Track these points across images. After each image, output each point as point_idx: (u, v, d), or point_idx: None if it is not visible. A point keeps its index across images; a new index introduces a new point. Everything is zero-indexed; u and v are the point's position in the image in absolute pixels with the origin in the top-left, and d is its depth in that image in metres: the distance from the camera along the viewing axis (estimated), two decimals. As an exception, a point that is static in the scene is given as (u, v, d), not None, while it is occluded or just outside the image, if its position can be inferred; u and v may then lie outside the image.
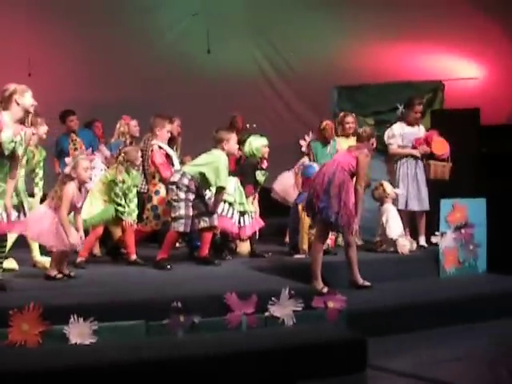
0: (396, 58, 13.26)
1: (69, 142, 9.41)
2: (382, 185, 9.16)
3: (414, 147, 9.40)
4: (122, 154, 8.15)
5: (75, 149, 9.29)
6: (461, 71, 13.22)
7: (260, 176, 8.80)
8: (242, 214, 8.61)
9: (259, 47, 14.39)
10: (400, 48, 13.22)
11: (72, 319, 5.63)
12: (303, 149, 9.96)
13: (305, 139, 9.93)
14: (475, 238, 9.05)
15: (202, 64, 13.40)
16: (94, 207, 7.90)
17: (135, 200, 8.21)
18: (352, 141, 9.45)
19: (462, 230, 8.96)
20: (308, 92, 13.54)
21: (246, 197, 8.67)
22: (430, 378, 5.85)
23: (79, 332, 5.65)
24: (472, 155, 10.42)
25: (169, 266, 7.73)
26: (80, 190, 6.94)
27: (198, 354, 5.61)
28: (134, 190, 8.24)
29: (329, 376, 5.76)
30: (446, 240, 8.86)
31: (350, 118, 9.94)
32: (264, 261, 8.42)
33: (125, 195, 8.03)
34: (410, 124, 9.54)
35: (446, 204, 8.91)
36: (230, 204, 8.52)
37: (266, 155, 8.94)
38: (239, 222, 8.59)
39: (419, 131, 9.50)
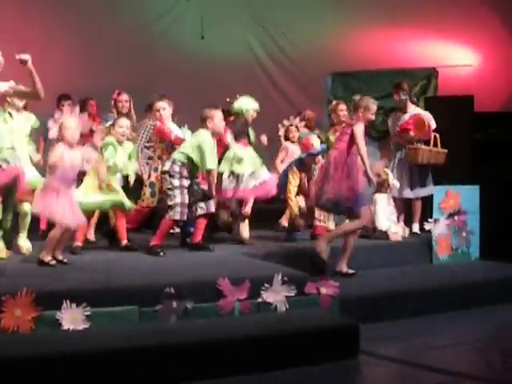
0: (390, 44, 13.26)
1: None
2: (386, 174, 9.12)
3: (398, 129, 9.35)
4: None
5: None
6: (455, 58, 13.22)
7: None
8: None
9: (253, 33, 14.36)
10: (394, 34, 13.21)
11: (65, 305, 5.63)
12: (280, 133, 9.94)
13: (283, 124, 9.90)
14: (468, 225, 9.07)
15: (196, 50, 13.37)
16: (91, 192, 7.82)
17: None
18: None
19: (455, 217, 8.98)
20: (302, 78, 13.56)
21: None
22: (422, 364, 5.87)
23: (72, 317, 5.65)
24: (466, 142, 10.42)
25: (162, 253, 7.72)
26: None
27: (191, 340, 5.62)
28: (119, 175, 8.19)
29: (321, 362, 5.76)
30: (439, 227, 8.88)
31: (343, 106, 9.90)
32: (257, 247, 8.40)
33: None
34: (399, 111, 9.54)
35: (439, 191, 8.93)
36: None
37: (251, 120, 8.80)
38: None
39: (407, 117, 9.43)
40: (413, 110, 9.46)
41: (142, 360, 5.27)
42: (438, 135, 9.19)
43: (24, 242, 7.76)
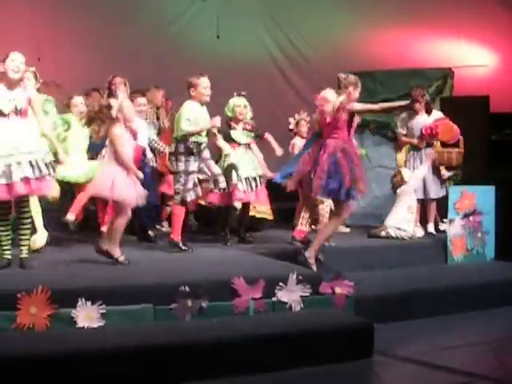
0: (406, 44, 13.20)
1: None
2: (400, 172, 9.11)
3: (421, 135, 9.30)
4: None
5: None
6: (471, 58, 13.17)
7: (240, 136, 8.81)
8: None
9: (269, 33, 14.33)
10: (409, 34, 13.15)
11: (80, 302, 5.66)
12: (291, 126, 9.96)
13: (294, 117, 9.91)
14: (483, 226, 9.05)
15: (212, 49, 13.36)
16: None
17: None
18: None
19: (471, 218, 8.97)
20: (317, 78, 13.50)
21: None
22: (437, 364, 5.85)
23: (87, 315, 5.67)
24: (481, 142, 10.39)
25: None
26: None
27: (206, 338, 5.62)
28: None
29: (335, 361, 5.76)
30: (454, 227, 8.87)
31: None
32: (272, 246, 8.40)
33: None
34: (416, 113, 9.46)
35: (454, 191, 8.91)
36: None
37: (242, 117, 8.86)
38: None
39: (427, 119, 9.38)
40: (435, 113, 9.40)
41: (156, 358, 5.28)
42: (461, 137, 9.17)
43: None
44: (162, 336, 5.58)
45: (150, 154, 8.53)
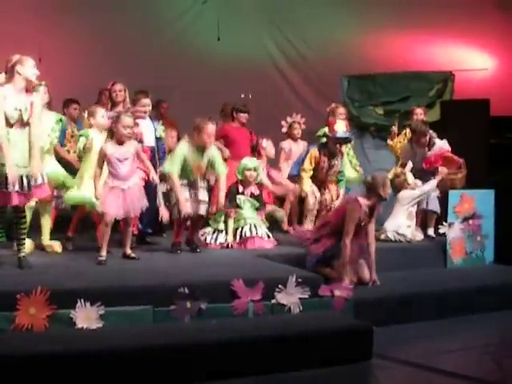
0: (406, 47, 13.24)
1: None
2: (404, 174, 9.02)
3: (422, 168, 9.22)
4: None
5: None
6: (471, 62, 13.20)
7: (244, 203, 8.56)
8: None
9: (269, 35, 14.34)
10: (411, 38, 13.19)
11: (79, 303, 5.65)
12: (284, 129, 9.96)
13: (286, 121, 9.90)
14: (483, 229, 9.05)
15: (212, 51, 13.37)
16: None
17: None
18: None
19: (470, 221, 8.96)
20: (318, 80, 13.54)
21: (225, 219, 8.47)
22: (434, 367, 5.86)
23: (86, 316, 5.66)
24: (481, 146, 10.40)
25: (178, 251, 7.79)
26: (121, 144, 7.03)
27: (205, 340, 5.61)
28: None
29: (334, 364, 5.76)
30: (453, 231, 8.86)
31: (342, 110, 9.85)
32: (271, 248, 8.40)
33: None
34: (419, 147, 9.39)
35: (454, 195, 8.90)
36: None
37: (252, 180, 8.58)
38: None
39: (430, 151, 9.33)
40: (438, 143, 9.31)
41: (155, 360, 5.28)
42: (462, 160, 9.11)
43: (50, 242, 7.80)
44: (160, 337, 5.58)
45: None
